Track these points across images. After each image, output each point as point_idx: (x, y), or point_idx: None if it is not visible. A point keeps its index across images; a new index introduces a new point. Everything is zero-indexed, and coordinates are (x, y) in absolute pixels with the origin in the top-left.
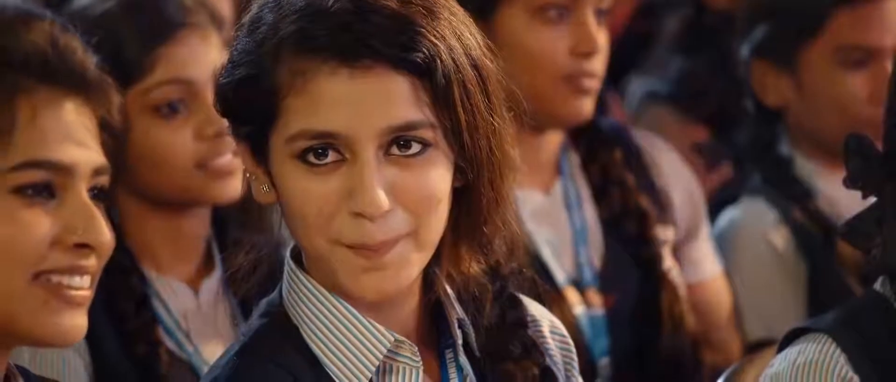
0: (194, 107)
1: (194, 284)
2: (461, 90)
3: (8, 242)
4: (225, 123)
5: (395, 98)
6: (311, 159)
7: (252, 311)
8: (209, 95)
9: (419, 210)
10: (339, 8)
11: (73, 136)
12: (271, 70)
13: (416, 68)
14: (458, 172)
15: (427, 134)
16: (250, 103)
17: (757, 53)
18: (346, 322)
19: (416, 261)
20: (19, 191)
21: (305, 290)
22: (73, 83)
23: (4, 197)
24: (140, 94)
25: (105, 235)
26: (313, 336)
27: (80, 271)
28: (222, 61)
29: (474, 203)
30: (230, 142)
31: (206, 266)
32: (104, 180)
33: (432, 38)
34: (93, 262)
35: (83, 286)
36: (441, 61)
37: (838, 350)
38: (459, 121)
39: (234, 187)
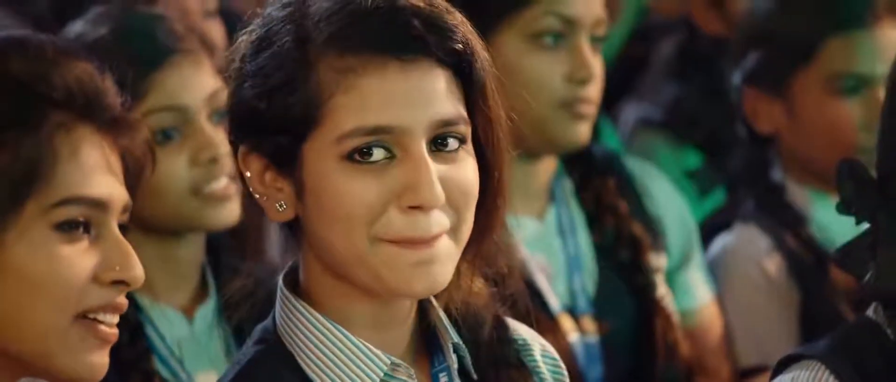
0: (188, 133)
1: (189, 311)
2: (491, 86)
3: (51, 279)
4: (220, 148)
5: (440, 92)
6: (358, 158)
7: (246, 338)
8: (203, 120)
9: (460, 205)
10: (377, 6)
11: (108, 172)
12: (312, 73)
13: (457, 62)
14: None
15: (463, 130)
16: (287, 110)
17: (749, 80)
18: (341, 347)
19: (455, 258)
20: (59, 227)
21: (300, 315)
22: (106, 121)
23: (46, 233)
24: None
25: (140, 271)
26: (309, 362)
27: (117, 309)
28: (232, 82)
29: (488, 207)
30: (225, 167)
31: (201, 294)
32: (127, 216)
33: (467, 34)
34: (123, 298)
35: (114, 323)
36: (478, 57)
37: (831, 377)
38: (490, 117)
39: (230, 212)
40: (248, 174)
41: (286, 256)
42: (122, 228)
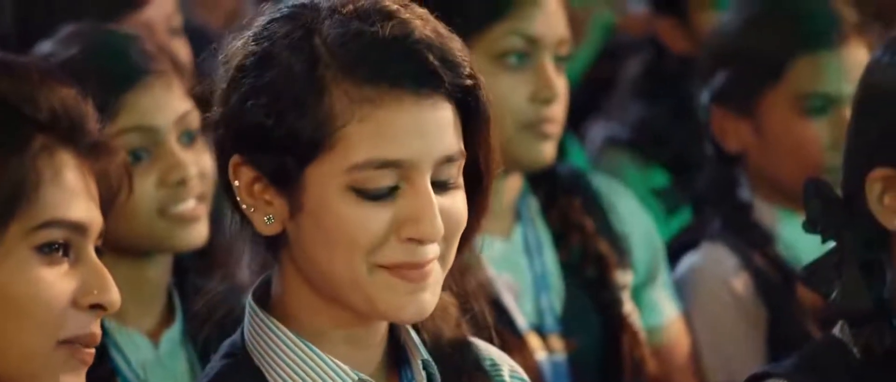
0: (157, 154)
1: (154, 335)
2: (493, 118)
3: (32, 302)
4: (189, 170)
5: (447, 126)
6: (365, 187)
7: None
8: (172, 142)
9: (450, 235)
10: (393, 36)
11: (87, 196)
12: (324, 97)
13: (464, 97)
14: None
15: (460, 163)
16: (295, 132)
17: (717, 99)
18: (309, 363)
19: (441, 282)
20: (40, 250)
21: (269, 331)
22: (86, 145)
23: (27, 255)
24: None
25: (117, 295)
26: (277, 377)
27: (93, 340)
28: (228, 91)
29: (472, 229)
30: (193, 188)
31: (167, 317)
32: (101, 240)
33: (473, 66)
34: (98, 328)
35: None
36: (484, 89)
37: None
38: (491, 146)
39: (198, 234)
40: (237, 183)
41: (254, 274)
42: (98, 251)
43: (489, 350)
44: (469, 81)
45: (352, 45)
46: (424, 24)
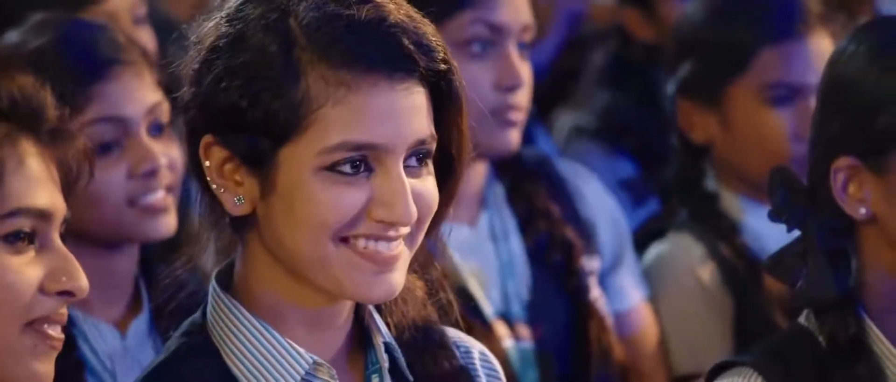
0: (128, 144)
1: (121, 325)
2: (465, 101)
3: (1, 290)
4: (159, 160)
5: (420, 110)
6: (337, 169)
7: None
8: (143, 133)
9: (421, 217)
10: (369, 19)
11: (50, 182)
12: (300, 80)
13: (437, 80)
14: None
15: (431, 147)
16: (270, 114)
17: (683, 89)
18: (267, 345)
19: (408, 263)
20: (6, 238)
21: (229, 312)
22: (46, 132)
23: None
24: None
25: (85, 281)
26: (233, 358)
27: (60, 320)
28: (200, 71)
29: (441, 213)
30: (163, 179)
31: (134, 307)
32: (64, 227)
33: (446, 50)
34: (65, 309)
35: (59, 331)
36: (457, 73)
37: None
38: (462, 130)
39: (166, 224)
40: (208, 163)
41: (217, 260)
42: (61, 238)
43: (459, 336)
44: (443, 66)
45: (327, 28)
46: (398, 8)
